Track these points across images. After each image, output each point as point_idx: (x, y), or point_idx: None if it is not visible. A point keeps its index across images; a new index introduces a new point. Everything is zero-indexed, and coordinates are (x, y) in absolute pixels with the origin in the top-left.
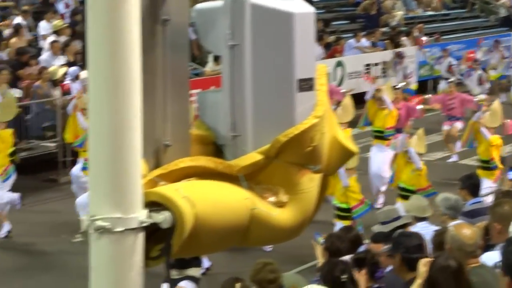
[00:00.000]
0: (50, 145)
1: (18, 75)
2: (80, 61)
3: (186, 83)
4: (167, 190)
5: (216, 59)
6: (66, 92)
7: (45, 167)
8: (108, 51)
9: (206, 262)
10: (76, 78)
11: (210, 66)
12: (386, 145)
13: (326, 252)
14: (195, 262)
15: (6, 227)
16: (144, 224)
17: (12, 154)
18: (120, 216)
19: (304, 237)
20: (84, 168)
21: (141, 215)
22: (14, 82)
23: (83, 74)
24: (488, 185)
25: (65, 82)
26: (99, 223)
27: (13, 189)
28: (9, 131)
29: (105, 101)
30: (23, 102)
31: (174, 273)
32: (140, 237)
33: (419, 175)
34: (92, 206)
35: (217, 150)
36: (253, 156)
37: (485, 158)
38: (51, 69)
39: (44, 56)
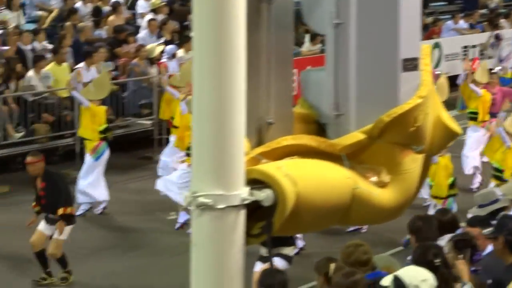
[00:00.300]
0: (146, 122)
1: (116, 53)
2: (177, 39)
3: (290, 61)
4: (269, 168)
5: (313, 39)
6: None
7: (140, 145)
8: (213, 29)
9: (300, 242)
10: (172, 56)
11: (306, 46)
12: (481, 127)
13: (413, 235)
14: (290, 241)
15: (103, 203)
16: (246, 202)
17: (105, 131)
18: (222, 193)
19: (396, 221)
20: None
21: (243, 193)
22: (111, 60)
23: (180, 52)
24: None
25: (162, 60)
26: (201, 199)
27: (108, 166)
28: (103, 108)
29: (209, 80)
30: (120, 79)
31: (265, 251)
32: (242, 214)
33: (507, 153)
34: (195, 183)
35: (320, 129)
36: (356, 136)
37: None
38: (148, 47)
39: (142, 34)
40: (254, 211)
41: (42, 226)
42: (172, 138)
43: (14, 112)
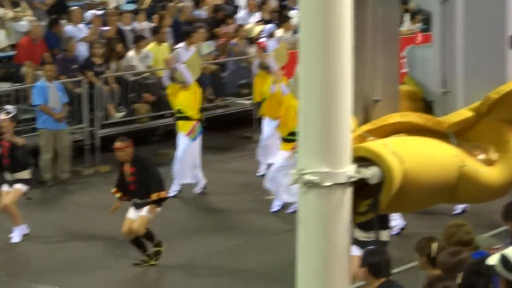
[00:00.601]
0: (246, 102)
1: (215, 33)
2: (276, 19)
3: (396, 38)
4: (376, 145)
5: (413, 17)
6: (262, 50)
7: (240, 125)
8: (319, 7)
9: (401, 222)
10: (271, 35)
11: (406, 26)
12: None
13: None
14: (385, 224)
15: (202, 182)
16: (353, 179)
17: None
18: (328, 171)
19: (496, 202)
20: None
21: (350, 170)
22: (210, 40)
23: (279, 32)
24: None
25: (260, 40)
26: (308, 177)
27: (207, 146)
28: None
29: (315, 57)
30: (220, 59)
31: (361, 235)
32: (348, 192)
33: None
34: (301, 160)
35: (426, 106)
36: (464, 113)
37: None
38: (247, 27)
39: (241, 13)
40: (361, 188)
41: (131, 213)
42: (266, 121)
43: (115, 92)
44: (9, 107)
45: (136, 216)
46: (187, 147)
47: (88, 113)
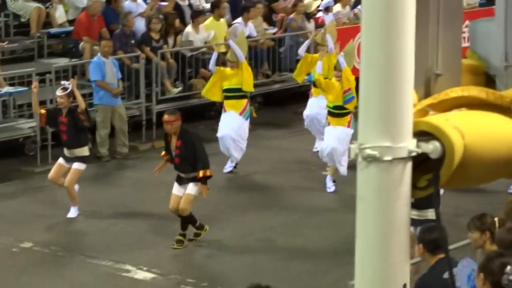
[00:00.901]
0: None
1: (273, 8)
2: None
3: (459, 11)
4: (437, 119)
5: None
6: (321, 25)
7: (296, 100)
8: None
9: None
10: (326, 10)
11: (465, 1)
12: None
13: None
14: (436, 202)
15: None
16: (413, 154)
17: None
18: (389, 145)
19: None
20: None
21: (410, 145)
22: (268, 15)
23: (337, 7)
24: None
25: (318, 15)
26: (368, 151)
27: (264, 122)
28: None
29: (378, 30)
30: (277, 34)
31: (414, 213)
32: (408, 167)
33: None
34: (361, 134)
35: (488, 80)
36: None
37: None
38: (305, 1)
39: None
40: (421, 163)
41: (176, 189)
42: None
43: (172, 68)
44: (65, 83)
45: (181, 192)
46: (242, 125)
47: (145, 89)
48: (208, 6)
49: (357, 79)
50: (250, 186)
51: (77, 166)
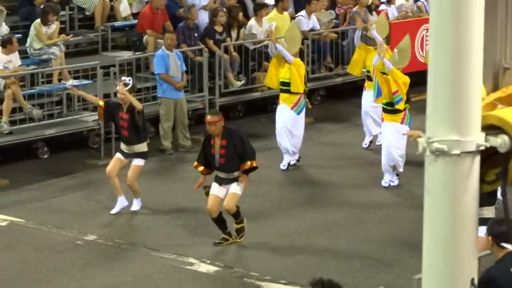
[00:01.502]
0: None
1: (336, 0)
2: None
3: None
4: (506, 113)
5: None
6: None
7: (359, 94)
8: None
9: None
10: (389, 2)
11: None
12: None
13: None
14: (490, 200)
15: (296, 156)
16: (481, 148)
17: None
18: (457, 139)
19: None
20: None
21: (479, 138)
22: (332, 7)
23: (399, 0)
24: None
25: (380, 8)
26: (436, 145)
27: (326, 115)
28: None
29: (446, 23)
30: (341, 27)
31: None
32: (477, 161)
33: None
34: (430, 128)
35: None
36: None
37: None
38: None
39: None
40: (489, 157)
41: (215, 189)
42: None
43: (235, 61)
44: (126, 78)
45: (220, 193)
46: (294, 120)
47: (208, 82)
48: None
49: (419, 73)
50: (312, 181)
51: (137, 162)
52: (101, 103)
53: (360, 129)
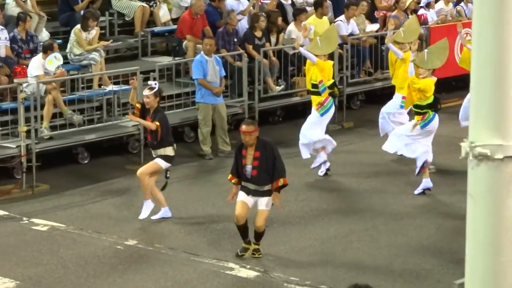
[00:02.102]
0: None
1: (375, 5)
2: None
3: None
4: None
5: None
6: (423, 22)
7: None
8: None
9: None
10: (428, 6)
11: None
12: None
13: None
14: None
15: (326, 163)
16: None
17: (331, 86)
18: (500, 143)
19: None
20: (401, 107)
21: None
22: (371, 13)
23: (440, 4)
24: None
25: (420, 12)
26: (479, 149)
27: (364, 119)
28: (330, 62)
29: (489, 28)
30: (380, 32)
31: None
32: None
33: None
34: (473, 133)
35: None
36: None
37: None
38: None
39: None
40: None
41: (243, 197)
42: (396, 97)
43: (275, 66)
44: (152, 83)
45: (249, 201)
46: (314, 121)
47: (248, 87)
48: (311, 0)
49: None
50: (351, 186)
51: (157, 160)
52: (138, 105)
53: None
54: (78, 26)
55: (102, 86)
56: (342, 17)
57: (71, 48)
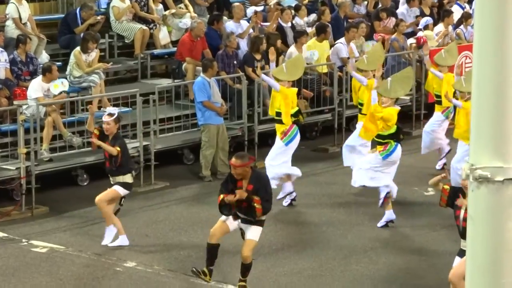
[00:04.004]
0: (405, 98)
1: (373, 27)
2: (436, 13)
3: None
4: None
5: None
6: (422, 45)
7: (398, 120)
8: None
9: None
10: (426, 28)
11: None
12: None
13: None
14: None
15: (291, 193)
16: None
17: (296, 114)
18: (501, 166)
19: None
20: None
21: None
22: (370, 35)
23: (439, 27)
24: None
25: (418, 35)
26: (479, 172)
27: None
28: (294, 90)
29: (490, 51)
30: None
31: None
32: None
33: None
34: (473, 155)
35: None
36: None
37: None
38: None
39: (401, 9)
40: None
41: (226, 219)
42: (358, 125)
43: None
44: (111, 109)
45: (231, 224)
46: (279, 150)
47: (247, 109)
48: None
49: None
50: (354, 203)
51: (116, 187)
52: (96, 131)
53: (404, 155)
54: (78, 48)
55: (101, 108)
56: (342, 39)
57: (70, 70)
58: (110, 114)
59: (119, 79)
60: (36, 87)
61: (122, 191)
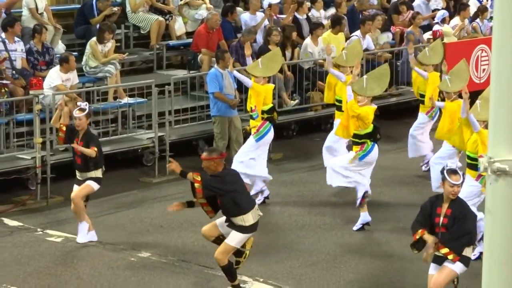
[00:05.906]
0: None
1: (392, 20)
2: (452, 6)
3: None
4: None
5: None
6: (438, 37)
7: (413, 113)
8: None
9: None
10: (443, 22)
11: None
12: None
13: None
14: None
15: (263, 191)
16: None
17: (269, 111)
18: None
19: None
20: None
21: None
22: (387, 28)
23: (455, 20)
24: None
25: (435, 28)
26: (498, 165)
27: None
28: (270, 86)
29: (508, 45)
30: (396, 48)
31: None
32: None
33: None
34: (492, 149)
35: None
36: None
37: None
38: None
39: (417, 1)
40: None
41: (219, 221)
42: (336, 123)
43: (290, 80)
44: (83, 104)
45: (222, 227)
46: (250, 146)
47: None
48: (327, 14)
49: (474, 93)
50: (334, 204)
51: (90, 183)
52: (63, 127)
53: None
54: (94, 38)
55: (117, 99)
56: (357, 32)
57: (86, 61)
58: (82, 109)
59: (135, 69)
60: (54, 76)
61: (96, 186)
